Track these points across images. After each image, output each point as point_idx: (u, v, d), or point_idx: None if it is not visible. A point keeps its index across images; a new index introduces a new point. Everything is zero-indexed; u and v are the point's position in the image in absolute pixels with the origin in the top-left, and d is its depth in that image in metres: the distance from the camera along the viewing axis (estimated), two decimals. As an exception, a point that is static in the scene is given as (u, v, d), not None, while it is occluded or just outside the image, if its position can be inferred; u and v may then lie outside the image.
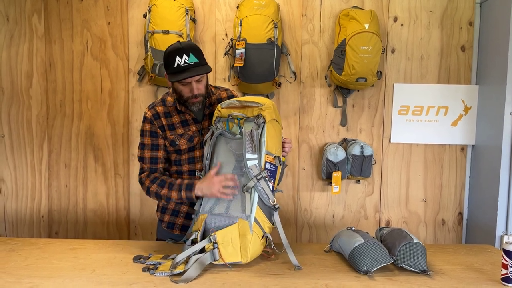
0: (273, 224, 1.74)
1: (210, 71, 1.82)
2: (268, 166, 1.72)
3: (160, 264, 1.66)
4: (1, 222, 2.93)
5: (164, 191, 1.83)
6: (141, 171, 1.93)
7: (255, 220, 1.68)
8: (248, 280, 1.55)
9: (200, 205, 1.80)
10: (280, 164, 1.79)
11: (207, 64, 1.83)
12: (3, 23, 2.82)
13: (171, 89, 1.92)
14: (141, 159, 1.92)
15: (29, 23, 2.83)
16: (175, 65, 1.76)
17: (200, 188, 1.77)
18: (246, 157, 1.68)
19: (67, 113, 2.87)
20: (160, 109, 1.92)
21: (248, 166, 1.68)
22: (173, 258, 1.68)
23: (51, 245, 1.92)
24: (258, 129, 1.72)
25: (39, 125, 2.88)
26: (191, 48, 1.79)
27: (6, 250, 1.84)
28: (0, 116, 2.87)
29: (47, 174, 2.91)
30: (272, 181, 1.73)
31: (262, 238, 1.70)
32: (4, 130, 2.88)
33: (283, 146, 1.85)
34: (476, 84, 2.82)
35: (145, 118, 1.92)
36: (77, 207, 2.93)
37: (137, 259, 1.73)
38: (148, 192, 1.89)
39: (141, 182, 1.91)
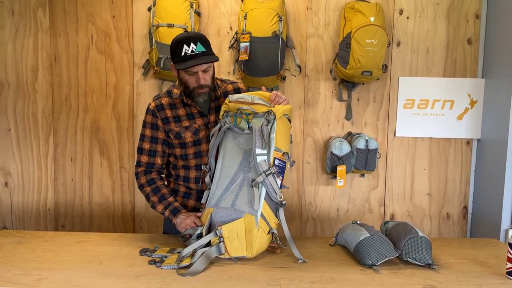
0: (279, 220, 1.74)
1: (217, 60, 1.82)
2: (277, 162, 1.71)
3: (166, 257, 1.68)
4: (7, 215, 2.96)
5: (154, 198, 1.91)
6: (138, 163, 1.95)
7: (262, 215, 1.68)
8: (254, 273, 1.56)
9: (207, 199, 1.81)
10: (288, 161, 1.78)
11: (214, 54, 1.83)
12: (8, 17, 2.82)
13: (177, 82, 1.91)
14: (139, 150, 1.94)
15: (34, 16, 2.83)
16: (182, 54, 1.76)
17: (179, 218, 1.84)
18: (256, 153, 1.68)
19: (72, 107, 2.88)
20: (165, 100, 1.92)
21: (258, 161, 1.68)
22: (179, 252, 1.70)
23: (58, 237, 1.94)
24: (268, 125, 1.72)
25: (44, 119, 2.90)
26: (199, 37, 1.79)
27: (14, 243, 1.86)
28: (6, 110, 2.88)
29: (53, 167, 2.93)
30: (281, 177, 1.73)
31: (268, 233, 1.70)
32: (10, 123, 2.89)
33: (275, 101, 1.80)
34: (482, 78, 2.80)
35: (148, 109, 1.93)
36: (83, 200, 2.95)
37: (143, 252, 1.74)
38: (140, 188, 1.95)
39: (136, 176, 1.96)
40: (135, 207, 2.94)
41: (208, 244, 1.68)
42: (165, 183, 1.97)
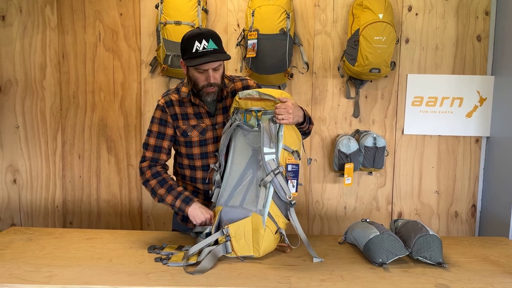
0: (288, 220, 1.73)
1: (229, 59, 1.78)
2: (290, 168, 1.69)
3: (173, 254, 1.68)
4: (16, 212, 2.98)
5: (161, 191, 1.81)
6: (143, 159, 1.88)
7: (269, 215, 1.67)
8: (264, 271, 1.56)
9: (217, 197, 1.80)
10: (300, 159, 1.77)
11: (226, 52, 1.79)
12: (16, 15, 2.83)
13: (186, 80, 1.89)
14: (145, 145, 1.89)
15: (42, 14, 2.83)
16: (194, 50, 1.71)
17: (194, 209, 1.75)
18: (264, 151, 1.66)
19: (80, 104, 2.89)
20: (174, 97, 1.88)
21: (266, 160, 1.65)
22: (187, 249, 1.70)
23: (68, 234, 1.95)
24: (275, 123, 1.70)
25: (52, 116, 2.91)
26: (211, 34, 1.75)
27: (24, 240, 1.87)
28: (14, 107, 2.89)
29: (61, 164, 2.94)
30: (296, 180, 1.71)
31: (275, 233, 1.69)
32: (18, 121, 2.90)
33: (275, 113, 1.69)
34: (491, 75, 2.77)
35: (158, 105, 1.89)
36: (90, 197, 2.96)
37: (151, 249, 1.74)
38: (145, 184, 1.85)
39: (141, 171, 1.87)
40: (142, 204, 2.95)
41: (216, 242, 1.67)
42: (171, 176, 1.90)
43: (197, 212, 1.75)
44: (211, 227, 1.72)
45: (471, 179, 2.85)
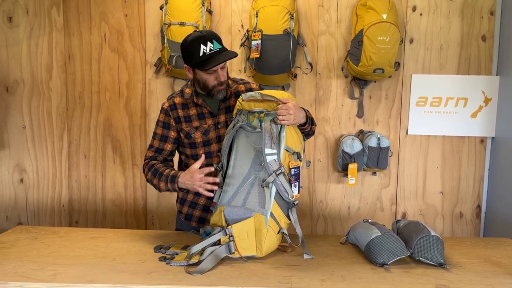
0: (290, 220, 1.74)
1: (237, 56, 1.82)
2: (292, 171, 1.71)
3: (177, 254, 1.69)
4: (23, 211, 3.02)
5: (155, 180, 1.86)
6: (145, 158, 1.96)
7: (271, 215, 1.68)
8: (265, 271, 1.56)
9: (219, 197, 1.81)
10: (300, 160, 1.78)
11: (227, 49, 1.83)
12: (23, 16, 2.87)
13: (190, 81, 1.91)
14: (149, 147, 1.96)
15: (48, 15, 2.87)
16: (201, 54, 1.74)
17: (183, 181, 1.77)
18: (265, 152, 1.66)
19: (86, 104, 2.92)
20: (178, 100, 1.92)
21: (268, 161, 1.66)
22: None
23: (72, 233, 1.97)
24: (277, 124, 1.71)
25: (59, 117, 2.94)
26: (213, 35, 1.79)
27: (29, 238, 1.89)
28: (21, 107, 2.93)
29: (67, 164, 2.98)
30: (297, 183, 1.72)
31: (278, 233, 1.70)
32: (25, 121, 2.94)
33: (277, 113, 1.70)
34: (497, 75, 2.76)
35: (162, 108, 1.94)
36: (96, 197, 2.99)
37: (158, 249, 1.76)
38: (147, 180, 1.92)
39: (143, 170, 1.94)
40: (147, 203, 2.97)
41: (219, 242, 1.67)
42: (163, 165, 1.92)
43: (187, 185, 1.76)
44: (220, 228, 1.71)
45: (476, 179, 2.84)
